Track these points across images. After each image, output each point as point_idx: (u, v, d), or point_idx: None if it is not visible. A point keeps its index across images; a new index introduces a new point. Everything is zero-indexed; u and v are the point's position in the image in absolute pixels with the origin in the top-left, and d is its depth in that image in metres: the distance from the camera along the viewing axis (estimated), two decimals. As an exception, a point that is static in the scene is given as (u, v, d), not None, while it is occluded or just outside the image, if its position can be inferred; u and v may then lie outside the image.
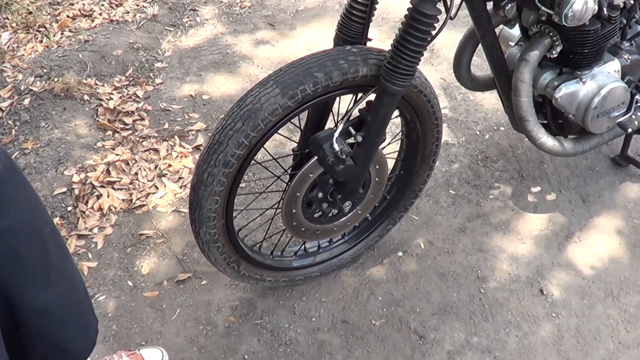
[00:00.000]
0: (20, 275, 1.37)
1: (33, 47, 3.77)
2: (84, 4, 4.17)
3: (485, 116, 3.40)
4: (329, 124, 2.34)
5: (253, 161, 2.12)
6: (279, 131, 2.13)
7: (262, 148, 2.11)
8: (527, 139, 2.61)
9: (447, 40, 3.78)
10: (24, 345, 1.51)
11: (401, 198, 2.64)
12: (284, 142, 3.16)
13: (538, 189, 3.04)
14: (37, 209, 1.44)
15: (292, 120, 2.11)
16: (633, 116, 2.64)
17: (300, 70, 2.00)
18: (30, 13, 4.02)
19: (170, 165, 3.11)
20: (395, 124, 3.17)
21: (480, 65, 3.57)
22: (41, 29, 3.92)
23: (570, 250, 2.79)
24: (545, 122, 2.65)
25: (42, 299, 1.44)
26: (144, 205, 2.94)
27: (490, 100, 3.45)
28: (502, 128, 3.32)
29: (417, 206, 2.93)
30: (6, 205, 1.26)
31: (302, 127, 2.39)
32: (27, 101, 3.34)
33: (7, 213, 1.27)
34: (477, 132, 3.31)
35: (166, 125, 3.35)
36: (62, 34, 3.88)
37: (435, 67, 3.73)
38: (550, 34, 2.34)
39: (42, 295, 1.43)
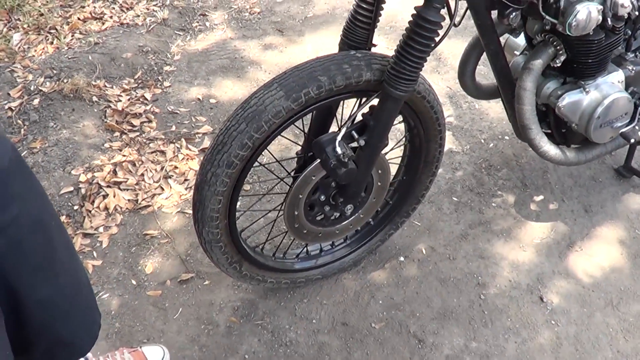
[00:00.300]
0: (25, 267, 1.39)
1: (44, 49, 3.81)
2: (94, 7, 4.21)
3: (490, 125, 3.41)
4: (333, 128, 2.35)
5: (257, 163, 2.14)
6: (284, 134, 2.15)
7: (266, 150, 2.13)
8: (530, 148, 2.63)
9: (454, 49, 3.80)
10: (27, 337, 1.53)
11: (404, 203, 2.65)
12: (289, 146, 3.19)
13: (541, 197, 3.05)
14: (43, 203, 1.46)
15: (296, 124, 2.13)
16: (637, 127, 2.65)
17: (305, 73, 2.02)
18: (41, 15, 4.06)
19: (176, 167, 3.14)
20: (399, 130, 3.19)
21: (486, 74, 3.59)
22: (52, 31, 3.96)
23: (571, 259, 2.80)
24: (549, 131, 2.66)
25: (47, 292, 1.46)
26: (149, 205, 2.97)
27: (496, 109, 3.47)
28: (506, 137, 3.34)
29: (419, 212, 2.95)
30: (11, 197, 1.28)
31: (306, 130, 2.42)
32: (36, 101, 3.38)
33: (12, 205, 1.29)
34: (482, 141, 3.33)
35: (173, 128, 3.38)
36: (72, 36, 3.92)
37: (442, 75, 3.75)
38: (555, 43, 2.35)
39: (47, 287, 1.45)
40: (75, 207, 2.91)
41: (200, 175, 2.08)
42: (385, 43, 3.95)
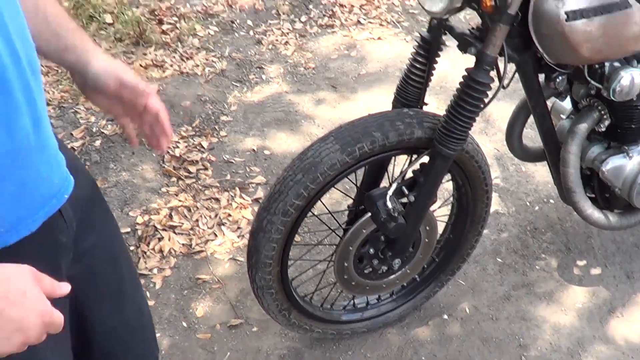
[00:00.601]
0: (95, 295, 1.47)
1: (107, 93, 3.93)
2: (156, 55, 4.34)
3: (536, 188, 3.46)
4: (384, 183, 2.42)
5: (310, 213, 2.21)
6: (336, 187, 2.22)
7: (319, 201, 2.20)
8: (575, 213, 2.65)
9: (502, 112, 3.84)
10: (90, 365, 1.60)
11: (449, 261, 2.69)
12: (340, 200, 3.26)
13: (584, 262, 3.07)
14: (115, 236, 1.55)
15: (348, 177, 2.20)
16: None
17: (360, 128, 2.10)
18: (105, 61, 4.19)
19: (229, 215, 3.22)
20: (447, 188, 3.25)
21: (533, 137, 3.64)
22: (115, 76, 4.08)
23: (612, 325, 2.81)
24: (593, 195, 2.68)
25: (113, 322, 1.53)
26: (202, 251, 3.05)
27: (542, 172, 3.51)
28: (551, 200, 3.37)
29: (464, 271, 2.98)
30: (89, 228, 1.37)
31: (358, 184, 2.48)
32: (98, 143, 3.51)
33: (89, 236, 1.37)
34: (527, 203, 3.37)
35: (228, 177, 3.46)
36: (134, 82, 4.04)
37: (490, 137, 3.81)
38: (599, 107, 2.39)
39: (113, 317, 1.52)
40: (132, 248, 3.00)
41: (257, 222, 2.15)
42: (435, 103, 4.00)
